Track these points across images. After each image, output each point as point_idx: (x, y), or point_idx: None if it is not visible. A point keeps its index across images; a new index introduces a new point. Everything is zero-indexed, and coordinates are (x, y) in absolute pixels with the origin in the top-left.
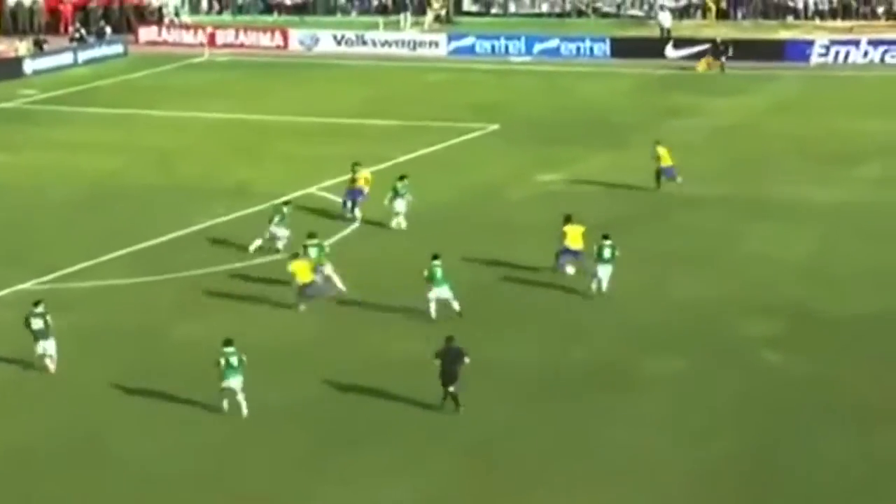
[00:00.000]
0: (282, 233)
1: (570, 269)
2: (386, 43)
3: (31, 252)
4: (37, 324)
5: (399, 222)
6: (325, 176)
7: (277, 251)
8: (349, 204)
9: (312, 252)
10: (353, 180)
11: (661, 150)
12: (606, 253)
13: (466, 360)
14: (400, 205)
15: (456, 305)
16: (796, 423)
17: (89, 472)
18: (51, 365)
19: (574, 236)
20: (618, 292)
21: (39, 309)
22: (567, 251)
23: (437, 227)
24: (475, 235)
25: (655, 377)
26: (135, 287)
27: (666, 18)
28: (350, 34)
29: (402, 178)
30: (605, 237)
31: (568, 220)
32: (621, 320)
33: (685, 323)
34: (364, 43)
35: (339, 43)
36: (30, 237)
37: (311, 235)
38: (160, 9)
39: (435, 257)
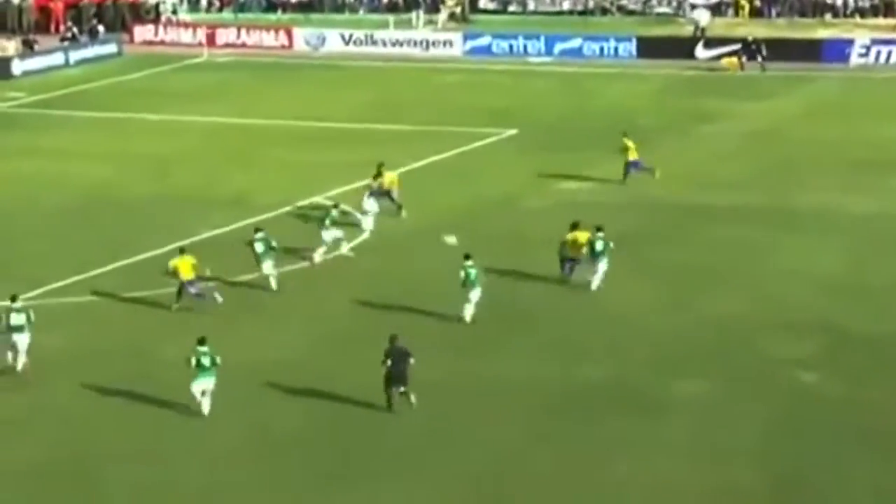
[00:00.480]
0: (331, 234)
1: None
2: (397, 42)
3: (17, 265)
4: (18, 319)
5: (368, 223)
6: (332, 184)
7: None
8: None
9: (258, 247)
10: (379, 183)
11: (629, 143)
12: (599, 245)
13: (412, 360)
14: (371, 204)
15: (472, 311)
16: (830, 448)
17: (77, 499)
18: (19, 361)
19: (576, 244)
20: (637, 307)
21: (18, 304)
22: (570, 259)
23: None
24: (488, 247)
25: (677, 399)
26: (128, 302)
27: (703, 16)
28: (359, 33)
29: (376, 176)
30: (599, 229)
31: (575, 227)
32: (641, 337)
33: (709, 341)
34: (374, 43)
35: (347, 43)
36: (16, 250)
37: (258, 230)
38: (157, 6)
39: (467, 257)
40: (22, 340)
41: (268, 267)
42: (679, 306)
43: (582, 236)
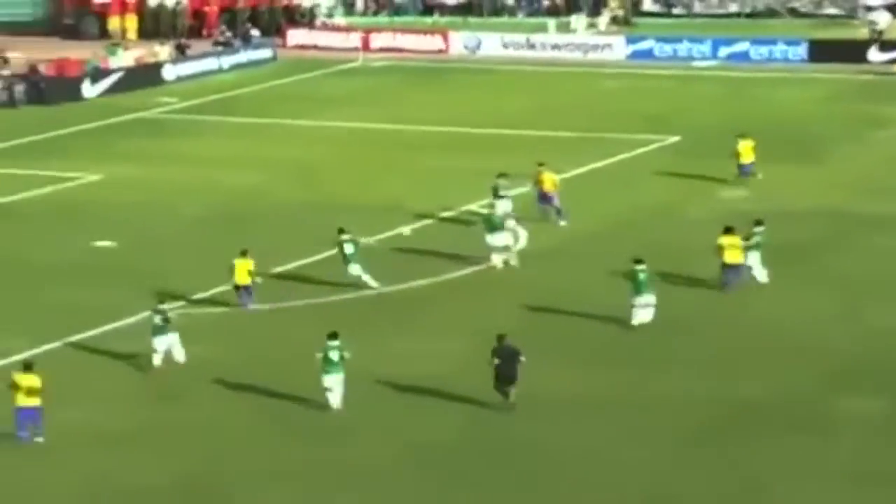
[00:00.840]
0: (498, 240)
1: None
2: (556, 46)
3: (163, 274)
4: (158, 320)
5: (510, 224)
6: (487, 192)
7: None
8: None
9: (348, 248)
10: (539, 182)
11: (742, 145)
12: (756, 240)
13: (522, 358)
14: (503, 205)
15: (645, 317)
16: None
17: None
18: (177, 357)
19: (733, 251)
20: (803, 319)
21: (163, 306)
22: (729, 266)
23: (608, 247)
24: (648, 256)
25: (844, 416)
26: (272, 314)
27: (882, 17)
28: (517, 37)
29: (501, 175)
30: (758, 223)
31: (728, 231)
32: (806, 351)
33: (880, 355)
34: (532, 47)
35: (505, 47)
36: (163, 258)
37: (342, 231)
38: (311, 10)
39: (638, 262)
40: (170, 341)
41: (357, 269)
42: (848, 319)
43: (736, 240)
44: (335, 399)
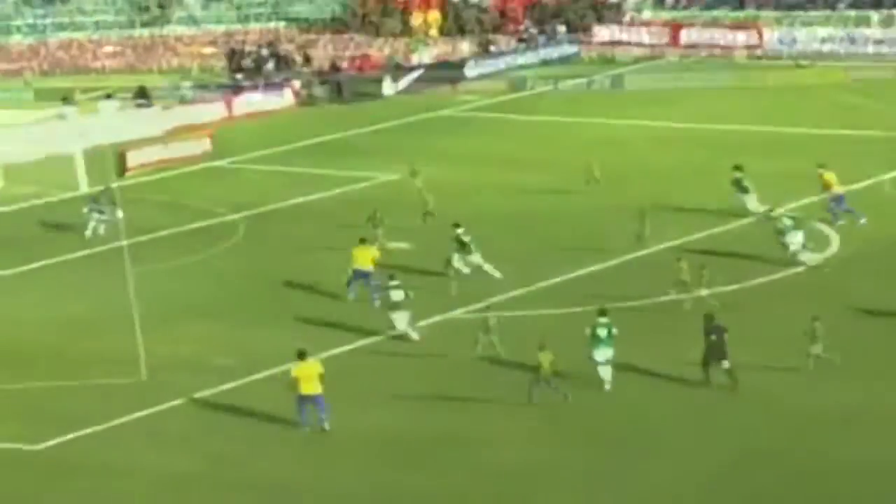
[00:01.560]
0: (796, 239)
1: None
2: (879, 41)
3: (457, 277)
4: (396, 295)
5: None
6: (791, 196)
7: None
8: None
9: (466, 239)
10: (824, 185)
11: None
12: None
13: (726, 336)
14: (743, 199)
15: None
16: None
17: None
18: (411, 334)
19: None
20: None
21: (396, 282)
22: None
23: None
24: None
25: None
26: (564, 318)
27: None
28: (836, 31)
29: (737, 167)
30: None
31: None
32: None
33: None
34: (852, 41)
35: (822, 41)
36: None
37: (457, 225)
38: (620, 5)
39: None
40: (400, 318)
41: (478, 258)
42: None
43: None
44: (606, 376)
